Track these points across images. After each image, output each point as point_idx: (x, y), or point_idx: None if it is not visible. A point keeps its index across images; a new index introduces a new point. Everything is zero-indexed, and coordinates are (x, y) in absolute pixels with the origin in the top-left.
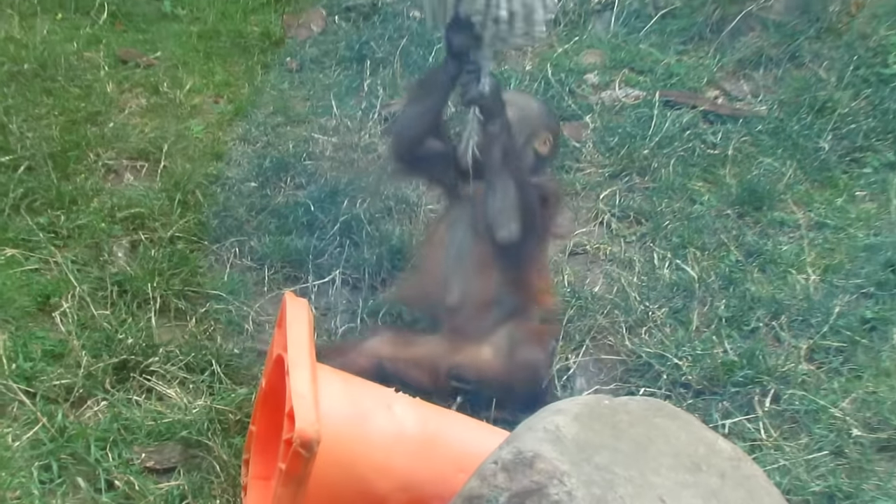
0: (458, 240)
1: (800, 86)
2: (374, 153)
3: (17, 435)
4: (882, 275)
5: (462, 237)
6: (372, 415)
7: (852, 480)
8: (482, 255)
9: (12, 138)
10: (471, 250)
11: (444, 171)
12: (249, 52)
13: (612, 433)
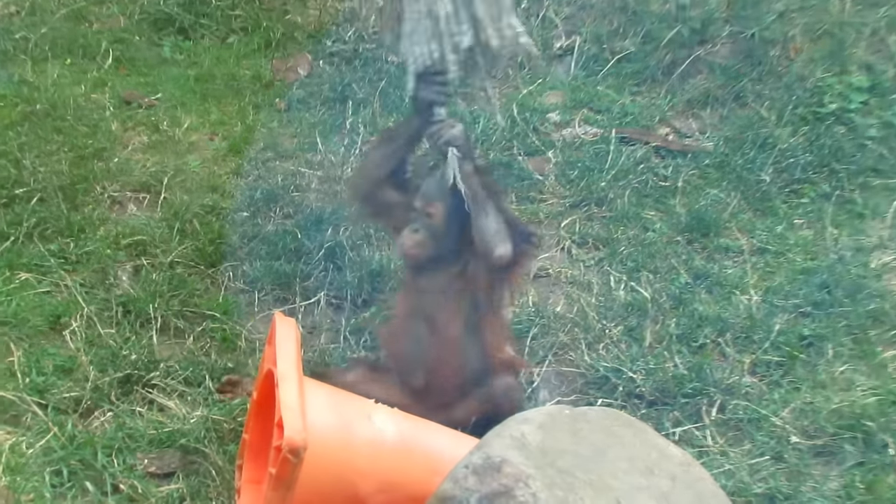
0: (421, 326)
1: (743, 123)
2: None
3: (31, 443)
4: (818, 295)
5: (427, 319)
6: (354, 424)
7: (791, 483)
8: (448, 331)
9: (25, 172)
10: (436, 331)
11: (401, 219)
12: (242, 94)
13: (572, 440)
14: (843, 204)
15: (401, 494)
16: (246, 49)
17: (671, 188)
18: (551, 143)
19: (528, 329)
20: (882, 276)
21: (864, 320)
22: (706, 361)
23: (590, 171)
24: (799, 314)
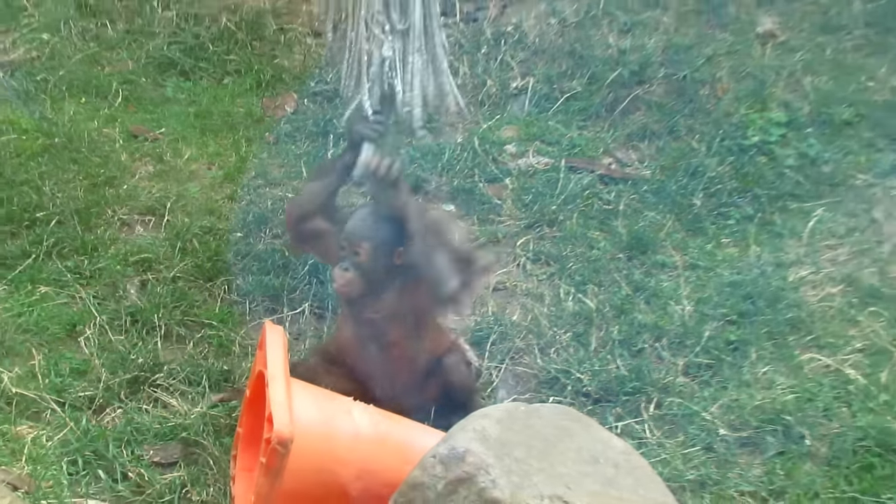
0: (364, 341)
1: (677, 154)
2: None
3: (50, 436)
4: (743, 306)
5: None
6: (335, 419)
7: (720, 470)
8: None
9: (45, 198)
10: (377, 345)
11: (331, 249)
12: (236, 129)
13: (527, 433)
14: (764, 225)
15: (376, 481)
16: (239, 89)
17: (613, 211)
18: (508, 171)
19: (489, 335)
20: (799, 288)
21: (783, 327)
22: (644, 364)
23: (542, 196)
24: (726, 322)
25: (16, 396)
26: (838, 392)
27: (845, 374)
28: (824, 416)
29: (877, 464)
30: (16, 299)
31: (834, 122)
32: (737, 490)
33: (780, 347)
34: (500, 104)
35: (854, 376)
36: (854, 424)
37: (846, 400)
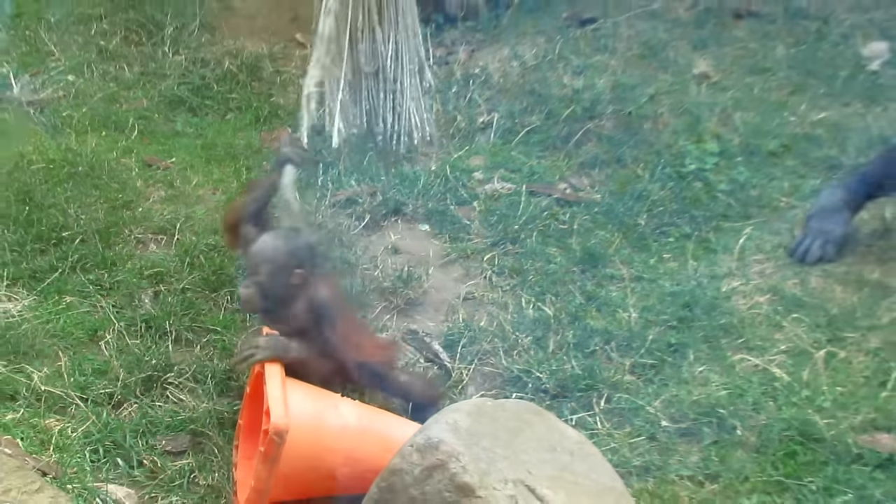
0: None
1: (623, 180)
2: (325, 228)
3: (75, 428)
4: (682, 313)
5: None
6: (324, 412)
7: (662, 457)
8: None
9: (70, 219)
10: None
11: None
12: (237, 158)
13: (493, 425)
14: (700, 242)
15: (361, 467)
16: (240, 124)
17: (568, 230)
18: (476, 195)
19: (460, 339)
20: (730, 297)
21: (717, 331)
22: (596, 364)
23: (506, 217)
24: (667, 327)
25: (44, 393)
26: (765, 388)
27: (771, 373)
28: (753, 410)
29: (799, 451)
30: (44, 308)
31: (761, 152)
32: (677, 474)
33: (714, 349)
34: (468, 136)
35: (779, 374)
36: (779, 417)
37: (772, 395)
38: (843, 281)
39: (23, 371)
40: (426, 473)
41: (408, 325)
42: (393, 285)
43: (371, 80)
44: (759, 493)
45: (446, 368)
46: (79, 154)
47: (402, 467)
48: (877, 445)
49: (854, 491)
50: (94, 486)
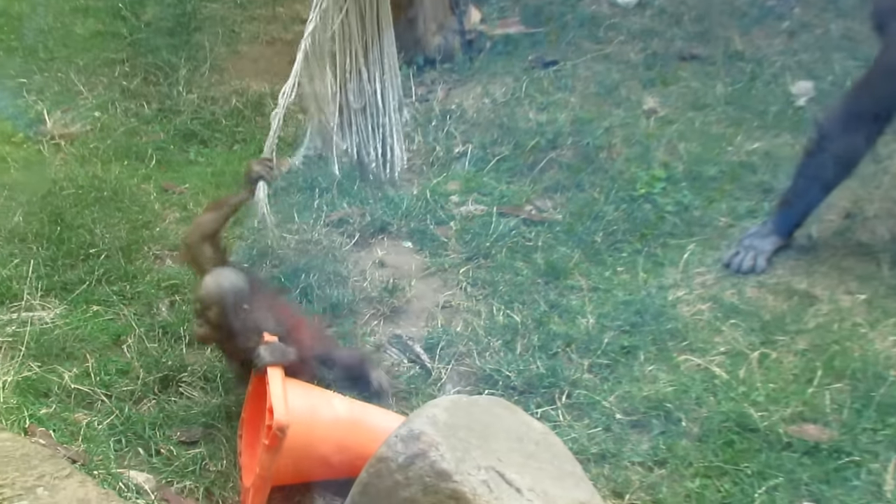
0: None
1: (582, 203)
2: (321, 246)
3: (101, 421)
4: (633, 319)
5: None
6: (319, 407)
7: (616, 446)
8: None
9: (97, 238)
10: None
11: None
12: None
13: (468, 419)
14: (649, 257)
15: (352, 454)
16: (245, 154)
17: (534, 246)
18: (452, 216)
19: (438, 343)
20: (676, 305)
21: (664, 335)
22: (558, 364)
23: (479, 235)
24: (620, 331)
25: (74, 391)
26: (706, 385)
27: (712, 371)
28: (696, 404)
29: (736, 440)
30: (74, 315)
31: (702, 177)
32: (629, 461)
33: (661, 351)
34: (446, 164)
35: (719, 373)
36: (719, 410)
37: (712, 391)
38: (775, 291)
39: (55, 371)
40: (409, 461)
41: (393, 331)
42: (380, 295)
43: (358, 116)
44: (701, 477)
45: (427, 368)
46: (104, 181)
47: (388, 455)
48: (804, 435)
49: (784, 475)
50: (118, 472)
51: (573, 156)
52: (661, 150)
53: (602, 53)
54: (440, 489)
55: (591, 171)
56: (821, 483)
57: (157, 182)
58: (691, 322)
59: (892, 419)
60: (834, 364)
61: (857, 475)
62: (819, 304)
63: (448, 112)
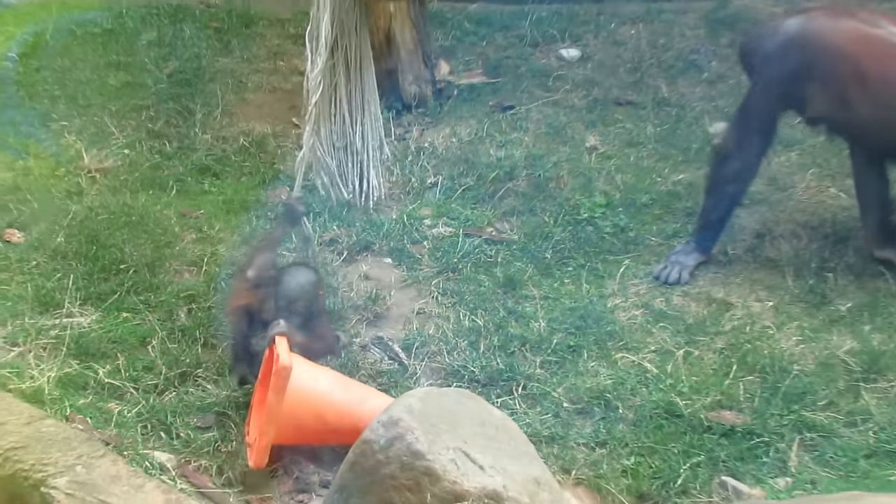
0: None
1: (535, 225)
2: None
3: (129, 410)
4: (578, 322)
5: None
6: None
7: (564, 429)
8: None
9: (126, 255)
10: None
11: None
12: (249, 210)
13: (439, 407)
14: (591, 270)
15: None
16: (251, 184)
17: (494, 262)
18: (426, 236)
19: (414, 343)
20: (614, 311)
21: (604, 336)
22: (515, 361)
23: (447, 252)
24: (567, 333)
25: (107, 384)
26: (640, 378)
27: (644, 367)
28: (631, 394)
29: (665, 424)
30: (107, 321)
31: (636, 203)
32: (575, 442)
33: (602, 349)
34: (420, 193)
35: (650, 368)
36: (650, 399)
37: (645, 383)
38: (697, 299)
39: (91, 368)
40: (389, 443)
41: (375, 333)
42: (364, 303)
43: (340, 153)
44: (636, 456)
45: (404, 365)
46: (132, 208)
47: (372, 438)
48: (722, 420)
49: (705, 453)
50: (144, 453)
51: (527, 186)
52: (601, 181)
53: (551, 100)
54: (415, 467)
55: (542, 198)
56: (736, 460)
57: (177, 208)
58: (627, 325)
59: (796, 406)
60: (747, 360)
61: (766, 453)
62: (734, 309)
63: (422, 149)
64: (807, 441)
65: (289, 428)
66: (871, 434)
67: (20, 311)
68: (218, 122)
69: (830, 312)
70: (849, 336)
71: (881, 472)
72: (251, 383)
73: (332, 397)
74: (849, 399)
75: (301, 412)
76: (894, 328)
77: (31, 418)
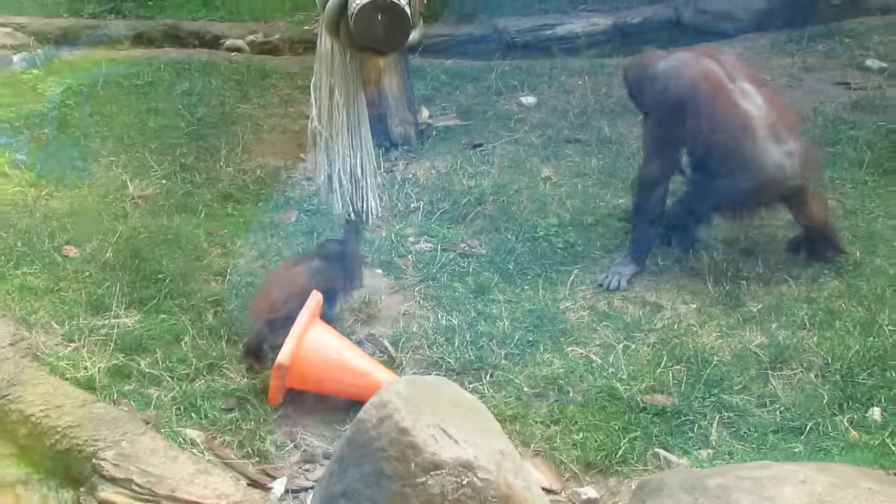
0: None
1: (500, 242)
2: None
3: (166, 394)
4: (535, 322)
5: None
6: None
7: (524, 410)
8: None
9: (163, 267)
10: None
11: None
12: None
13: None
14: (546, 279)
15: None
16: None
17: (466, 272)
18: (410, 251)
19: (401, 339)
20: (566, 312)
21: (557, 333)
22: (484, 353)
23: (428, 264)
24: (526, 331)
25: (147, 373)
26: (587, 367)
27: (591, 358)
28: (579, 380)
29: (608, 405)
30: (148, 321)
31: (583, 224)
32: (533, 420)
33: (556, 344)
34: (405, 216)
35: (595, 359)
36: (595, 385)
37: (591, 371)
38: (634, 302)
39: (134, 360)
40: (380, 421)
41: (368, 331)
42: (359, 306)
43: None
44: (584, 432)
45: (392, 357)
46: (169, 228)
47: (365, 417)
48: (655, 401)
49: (641, 430)
50: (178, 430)
51: (493, 209)
52: (554, 205)
53: (513, 138)
54: (402, 441)
55: (505, 219)
56: (667, 435)
57: (205, 229)
58: (576, 324)
59: (715, 390)
60: (675, 352)
61: (691, 429)
62: (664, 311)
63: (406, 179)
64: (725, 419)
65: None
66: (779, 413)
67: (75, 313)
68: (239, 158)
69: (744, 313)
70: (759, 332)
71: (787, 445)
72: (258, 371)
73: (348, 353)
74: (759, 384)
75: (317, 359)
76: (796, 326)
77: (85, 402)
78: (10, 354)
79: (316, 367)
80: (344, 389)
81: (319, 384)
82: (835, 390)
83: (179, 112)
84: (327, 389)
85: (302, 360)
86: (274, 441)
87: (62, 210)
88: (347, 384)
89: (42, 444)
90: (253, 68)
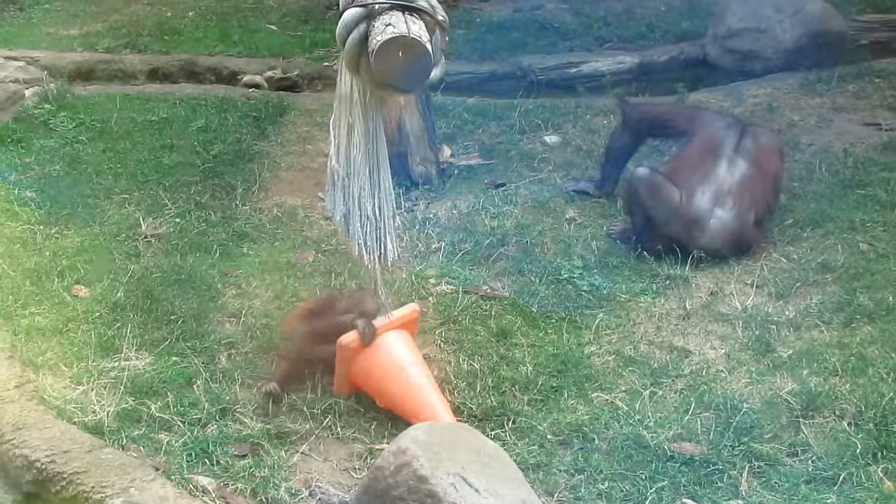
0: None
1: (523, 284)
2: None
3: (176, 440)
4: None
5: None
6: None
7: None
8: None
9: (176, 308)
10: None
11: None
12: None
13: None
14: (571, 322)
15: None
16: (283, 248)
17: (489, 315)
18: (431, 293)
19: None
20: (590, 357)
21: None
22: (506, 399)
23: (449, 307)
24: (550, 376)
25: (158, 418)
26: (612, 414)
27: (616, 404)
28: (605, 428)
29: (634, 454)
30: (159, 364)
31: (608, 265)
32: (557, 469)
33: (580, 389)
34: (426, 257)
35: (621, 405)
36: (621, 432)
37: (617, 418)
38: (660, 347)
39: (144, 404)
40: (398, 469)
41: None
42: None
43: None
44: (609, 481)
45: None
46: (182, 267)
47: (383, 465)
48: (682, 450)
49: (668, 479)
50: (189, 477)
51: (516, 250)
52: (578, 247)
53: (537, 178)
54: (420, 490)
55: (529, 261)
56: (695, 485)
57: (220, 269)
58: (601, 369)
59: (745, 438)
60: (703, 399)
61: (720, 479)
62: (692, 356)
63: (427, 219)
64: (755, 469)
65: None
66: (810, 463)
67: (85, 354)
68: (255, 196)
69: (774, 358)
70: (790, 379)
71: (819, 495)
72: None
73: (415, 369)
74: (791, 433)
75: (382, 371)
76: (828, 372)
77: (93, 447)
78: (15, 397)
79: (383, 368)
80: (405, 409)
81: (381, 388)
82: (868, 439)
83: (195, 149)
84: (388, 394)
85: (369, 357)
86: (289, 489)
87: (72, 249)
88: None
89: (48, 491)
90: (271, 105)
